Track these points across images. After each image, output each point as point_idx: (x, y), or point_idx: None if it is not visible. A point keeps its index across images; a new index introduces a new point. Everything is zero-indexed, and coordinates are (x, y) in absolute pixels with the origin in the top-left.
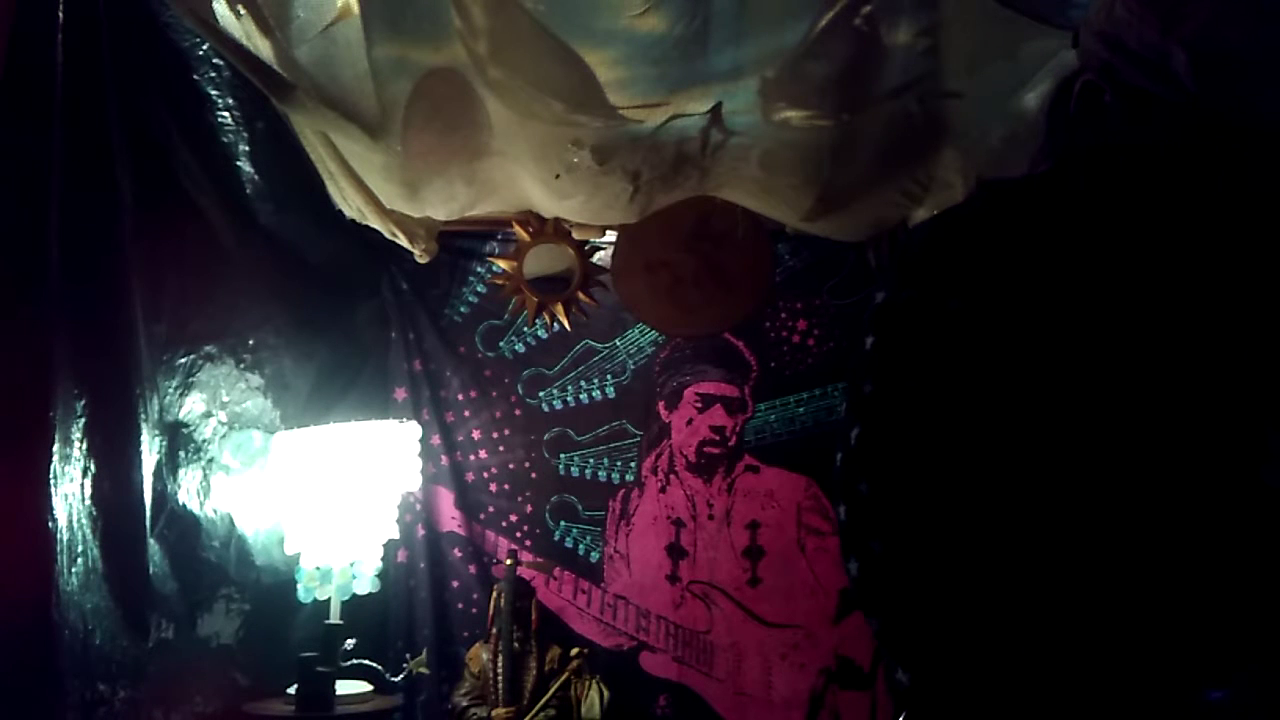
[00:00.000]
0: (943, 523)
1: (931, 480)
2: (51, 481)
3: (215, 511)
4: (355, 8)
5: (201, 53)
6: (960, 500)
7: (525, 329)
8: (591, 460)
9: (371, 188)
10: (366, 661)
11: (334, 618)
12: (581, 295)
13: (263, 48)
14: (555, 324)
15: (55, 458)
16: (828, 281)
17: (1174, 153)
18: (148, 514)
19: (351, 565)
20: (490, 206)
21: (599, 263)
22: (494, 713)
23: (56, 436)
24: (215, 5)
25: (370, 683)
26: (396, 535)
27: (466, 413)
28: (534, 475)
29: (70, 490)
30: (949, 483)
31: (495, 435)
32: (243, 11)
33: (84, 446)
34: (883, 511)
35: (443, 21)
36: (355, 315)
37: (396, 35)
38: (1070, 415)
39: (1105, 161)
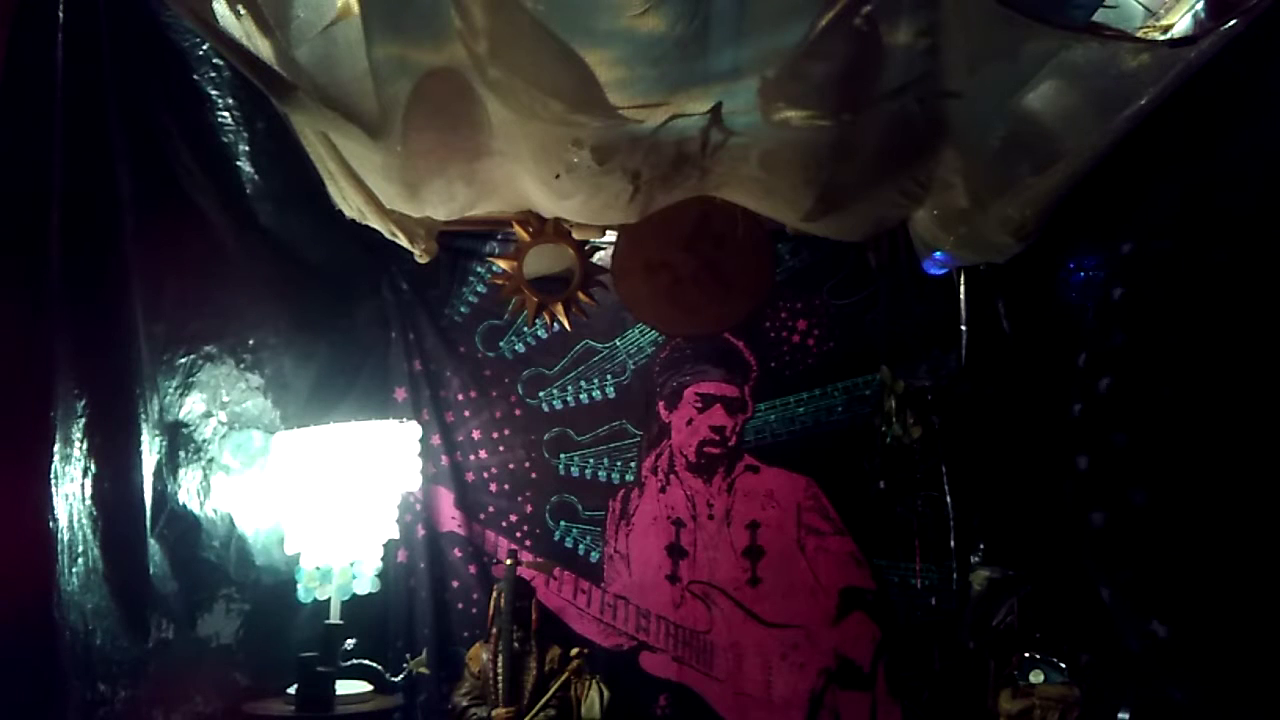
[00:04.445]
0: (1215, 474)
1: (1202, 433)
2: (51, 481)
3: (215, 511)
4: (355, 8)
5: (201, 53)
6: (1233, 452)
7: (525, 329)
8: (591, 460)
9: (371, 188)
10: (366, 661)
11: (334, 618)
12: (581, 295)
13: (263, 48)
14: (555, 324)
15: (55, 458)
16: (828, 281)
17: None
18: (148, 514)
19: (351, 565)
20: (490, 206)
21: (599, 263)
22: (494, 713)
23: (56, 436)
24: (215, 5)
25: (370, 683)
26: (396, 535)
27: (466, 413)
28: (534, 475)
29: (70, 490)
30: (1220, 436)
31: (495, 435)
32: (243, 11)
33: (84, 446)
34: (1148, 462)
35: (443, 21)
36: (355, 315)
37: (396, 35)
38: None
39: None
